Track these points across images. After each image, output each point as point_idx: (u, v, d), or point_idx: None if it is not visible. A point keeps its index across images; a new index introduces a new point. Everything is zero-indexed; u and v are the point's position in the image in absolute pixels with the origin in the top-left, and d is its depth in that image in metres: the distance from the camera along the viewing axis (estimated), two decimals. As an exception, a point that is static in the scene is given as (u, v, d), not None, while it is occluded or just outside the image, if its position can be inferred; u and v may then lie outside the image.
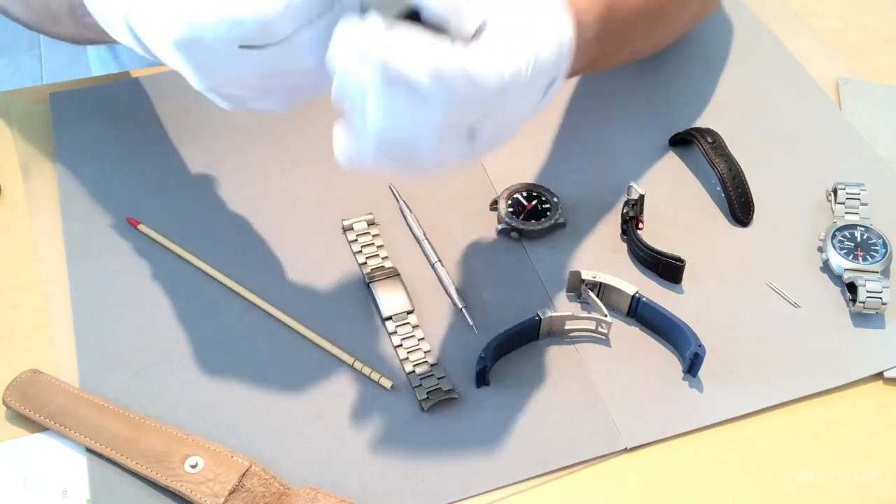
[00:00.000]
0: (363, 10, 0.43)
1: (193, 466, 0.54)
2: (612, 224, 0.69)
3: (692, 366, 0.60)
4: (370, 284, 0.64)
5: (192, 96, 0.56)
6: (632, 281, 0.63)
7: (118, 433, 0.56)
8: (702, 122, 0.75)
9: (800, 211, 0.71)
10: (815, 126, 0.78)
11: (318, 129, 0.74)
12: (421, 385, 0.59)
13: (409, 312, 0.63)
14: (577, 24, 0.51)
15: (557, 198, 0.69)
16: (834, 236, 0.67)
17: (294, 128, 0.75)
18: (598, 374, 0.61)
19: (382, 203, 0.70)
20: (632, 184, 0.68)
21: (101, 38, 0.61)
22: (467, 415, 0.59)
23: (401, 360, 0.61)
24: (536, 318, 0.61)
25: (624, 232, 0.68)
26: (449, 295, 0.64)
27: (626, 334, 0.63)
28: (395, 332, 0.62)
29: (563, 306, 0.64)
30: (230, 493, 0.53)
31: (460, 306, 0.64)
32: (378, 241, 0.67)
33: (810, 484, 0.56)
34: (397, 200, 0.70)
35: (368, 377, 0.60)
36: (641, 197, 0.68)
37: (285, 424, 0.58)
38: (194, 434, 0.56)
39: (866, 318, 0.64)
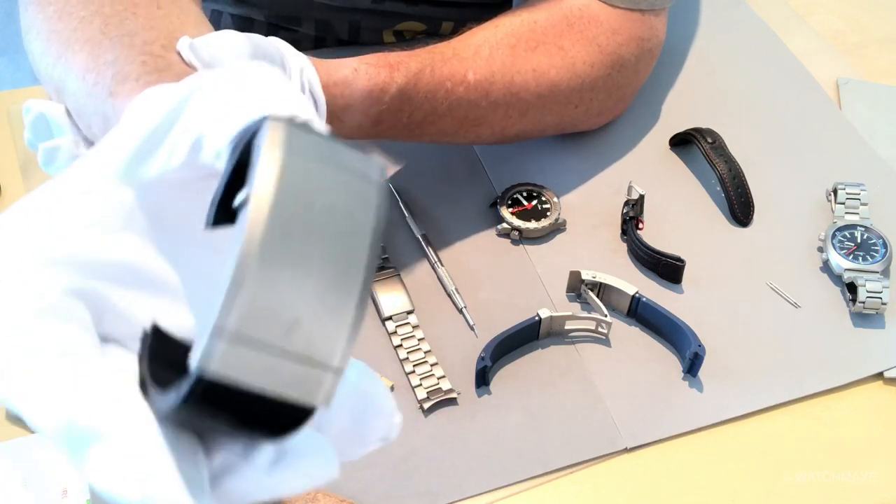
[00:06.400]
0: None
1: (193, 466, 0.54)
2: (612, 224, 0.69)
3: (692, 366, 0.60)
4: (370, 284, 0.64)
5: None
6: (632, 281, 0.63)
7: (118, 433, 0.56)
8: (702, 122, 0.75)
9: (800, 211, 0.71)
10: (815, 126, 0.78)
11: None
12: (421, 385, 0.59)
13: (409, 312, 0.63)
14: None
15: (557, 198, 0.69)
16: (834, 236, 0.67)
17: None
18: (598, 374, 0.61)
19: (382, 203, 0.70)
20: (632, 184, 0.68)
21: None
22: (467, 415, 0.59)
23: (401, 360, 0.61)
24: (536, 318, 0.61)
25: (624, 232, 0.68)
26: (449, 295, 0.64)
27: (626, 334, 0.63)
28: (395, 332, 0.62)
29: (563, 306, 0.64)
30: (230, 493, 0.53)
31: (460, 306, 0.64)
32: (378, 241, 0.67)
33: (810, 484, 0.56)
34: (397, 200, 0.70)
35: (368, 377, 0.60)
36: (641, 197, 0.68)
37: (285, 424, 0.58)
38: (194, 434, 0.56)
39: (866, 318, 0.64)
